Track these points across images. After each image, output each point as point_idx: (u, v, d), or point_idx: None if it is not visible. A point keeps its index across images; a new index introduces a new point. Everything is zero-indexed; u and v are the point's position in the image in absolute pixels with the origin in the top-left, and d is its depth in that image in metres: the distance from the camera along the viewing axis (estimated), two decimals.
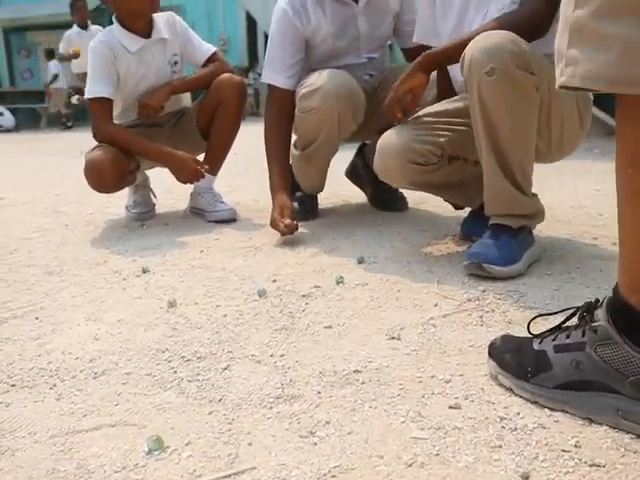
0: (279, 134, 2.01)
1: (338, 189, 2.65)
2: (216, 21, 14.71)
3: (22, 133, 10.92)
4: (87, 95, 2.14)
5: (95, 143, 2.18)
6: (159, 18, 2.26)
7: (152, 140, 2.28)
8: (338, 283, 1.46)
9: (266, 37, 14.77)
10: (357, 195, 2.51)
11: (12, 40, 14.73)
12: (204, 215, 2.30)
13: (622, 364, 0.81)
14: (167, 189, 2.81)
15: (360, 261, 1.64)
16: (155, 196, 2.45)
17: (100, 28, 7.81)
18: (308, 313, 1.28)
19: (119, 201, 2.53)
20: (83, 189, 2.13)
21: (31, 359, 1.13)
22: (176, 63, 2.29)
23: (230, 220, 2.24)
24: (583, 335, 0.85)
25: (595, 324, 0.84)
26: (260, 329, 1.21)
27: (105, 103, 2.14)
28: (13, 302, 1.47)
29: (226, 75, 2.26)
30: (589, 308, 0.87)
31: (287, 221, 1.83)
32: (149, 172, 2.46)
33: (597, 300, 0.88)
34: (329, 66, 2.01)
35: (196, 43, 2.32)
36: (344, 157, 2.35)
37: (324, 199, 2.38)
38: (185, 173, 2.14)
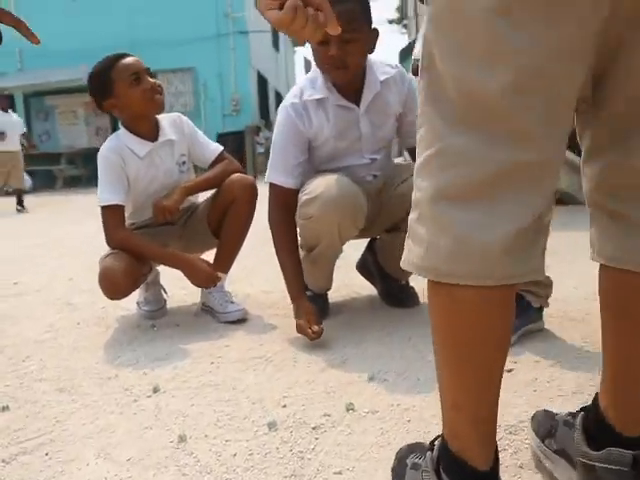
0: (287, 236, 2.03)
1: (348, 277, 2.66)
2: (228, 81, 15.09)
3: (38, 195, 11.14)
4: (99, 203, 2.19)
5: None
6: (165, 120, 2.32)
7: (163, 239, 2.32)
8: (348, 410, 1.45)
9: (277, 94, 15.35)
10: (367, 285, 2.51)
11: (31, 104, 15.19)
12: (214, 315, 2.31)
13: None
14: (178, 277, 2.82)
15: (371, 378, 1.63)
16: (166, 292, 2.47)
17: None
18: (318, 452, 1.27)
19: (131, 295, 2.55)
20: (95, 274, 2.14)
21: None
22: (184, 163, 2.35)
23: (241, 320, 2.25)
24: None
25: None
26: (269, 474, 1.20)
27: (117, 210, 2.18)
28: (23, 430, 1.47)
29: (237, 175, 2.31)
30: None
31: (315, 327, 1.86)
32: (160, 267, 2.49)
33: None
34: (332, 167, 2.06)
35: (203, 142, 2.38)
36: (354, 246, 2.37)
37: (334, 290, 2.38)
38: (199, 278, 2.17)
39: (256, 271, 3.04)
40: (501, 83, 0.74)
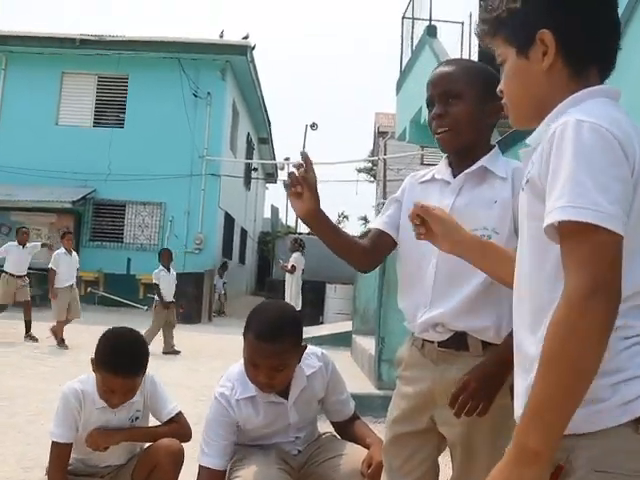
0: None
1: None
2: (195, 219, 15.50)
3: None
4: (51, 437, 2.28)
5: None
6: None
7: None
8: None
9: (242, 231, 15.85)
10: None
11: None
12: None
13: None
14: None
15: None
16: None
17: None
18: None
19: None
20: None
21: None
22: (137, 418, 2.45)
23: None
24: None
25: None
26: None
27: (63, 449, 2.28)
28: None
29: (165, 441, 2.39)
30: None
31: None
32: None
33: None
34: (260, 444, 2.23)
35: (162, 401, 2.48)
36: None
37: None
38: None
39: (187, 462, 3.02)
40: None
